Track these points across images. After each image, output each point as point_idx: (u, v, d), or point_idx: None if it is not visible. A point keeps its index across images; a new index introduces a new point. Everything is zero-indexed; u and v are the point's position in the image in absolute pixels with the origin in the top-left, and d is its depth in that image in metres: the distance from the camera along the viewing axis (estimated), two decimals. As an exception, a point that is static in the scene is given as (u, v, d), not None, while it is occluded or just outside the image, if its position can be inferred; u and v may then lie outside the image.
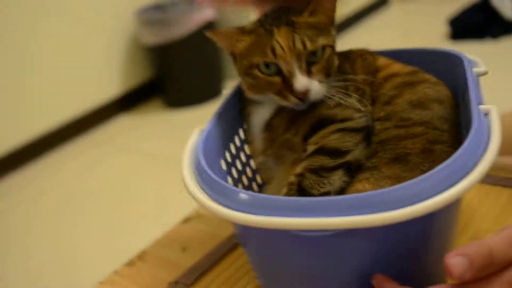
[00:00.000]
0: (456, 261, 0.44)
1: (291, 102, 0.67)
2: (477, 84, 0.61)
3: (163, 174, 2.19)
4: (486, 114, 0.56)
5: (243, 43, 0.69)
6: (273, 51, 0.66)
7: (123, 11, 3.00)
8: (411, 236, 0.53)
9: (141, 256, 0.83)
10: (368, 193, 0.48)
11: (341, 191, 0.61)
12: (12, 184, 2.60)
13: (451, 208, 0.55)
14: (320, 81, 0.67)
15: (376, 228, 0.47)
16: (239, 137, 0.76)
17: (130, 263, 0.81)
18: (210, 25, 2.85)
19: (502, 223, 0.69)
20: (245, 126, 0.76)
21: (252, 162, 0.78)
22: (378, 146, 0.64)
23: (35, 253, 2.06)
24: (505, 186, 0.77)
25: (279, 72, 0.67)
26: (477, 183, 0.49)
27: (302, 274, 0.57)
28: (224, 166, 0.70)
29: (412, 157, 0.61)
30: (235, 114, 0.74)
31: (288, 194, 0.60)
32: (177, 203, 1.39)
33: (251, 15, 2.90)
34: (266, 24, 0.68)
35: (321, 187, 0.60)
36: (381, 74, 0.71)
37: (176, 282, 0.74)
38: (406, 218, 0.47)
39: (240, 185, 0.73)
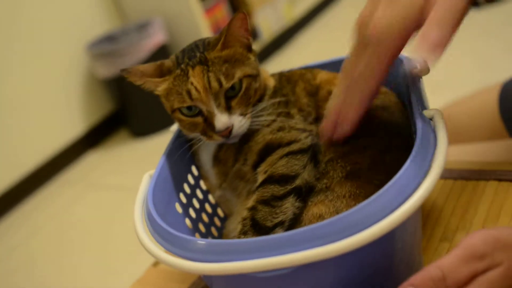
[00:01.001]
0: None
1: (217, 140, 0.66)
2: (419, 87, 0.60)
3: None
4: (431, 119, 0.55)
5: (162, 86, 0.69)
6: (189, 94, 0.65)
7: (74, 47, 2.95)
8: (375, 255, 0.51)
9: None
10: (319, 224, 0.47)
11: (295, 217, 0.59)
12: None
13: (411, 217, 0.54)
14: (242, 114, 0.66)
15: (336, 257, 0.46)
16: (192, 175, 0.74)
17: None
18: (162, 49, 2.83)
19: (470, 219, 0.68)
20: (196, 162, 0.74)
21: (210, 197, 0.76)
22: (328, 165, 0.62)
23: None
24: (467, 179, 0.76)
25: (200, 112, 0.66)
26: (430, 192, 0.48)
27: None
28: (179, 209, 0.68)
29: (364, 172, 0.59)
30: (184, 152, 0.72)
31: (242, 230, 0.59)
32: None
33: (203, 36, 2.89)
34: (182, 63, 0.67)
35: (274, 218, 0.58)
36: (323, 92, 0.70)
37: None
38: (363, 243, 0.46)
39: (200, 224, 0.71)
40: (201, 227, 0.72)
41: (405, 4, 0.53)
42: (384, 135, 0.63)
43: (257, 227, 0.58)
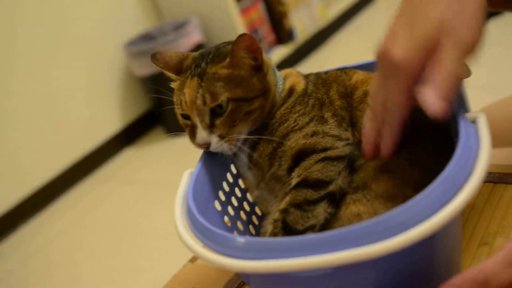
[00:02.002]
0: None
1: (197, 148, 0.69)
2: (460, 90, 0.60)
3: (170, 204, 2.15)
4: (474, 122, 0.54)
5: (174, 84, 0.72)
6: (181, 103, 0.69)
7: (112, 46, 3.00)
8: (414, 258, 0.51)
9: (152, 304, 0.81)
10: (359, 225, 0.47)
11: (326, 222, 0.60)
12: (24, 234, 2.59)
13: (452, 221, 0.54)
14: (221, 136, 0.67)
15: (375, 258, 0.46)
16: (231, 173, 0.74)
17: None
18: (199, 48, 2.83)
19: (510, 223, 0.67)
20: (235, 162, 0.75)
21: (248, 196, 0.77)
22: (363, 160, 0.63)
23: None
24: (507, 183, 0.74)
25: (190, 119, 0.69)
26: (472, 196, 0.48)
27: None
28: (218, 207, 0.68)
29: (401, 173, 0.59)
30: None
31: (273, 232, 0.60)
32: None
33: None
34: (192, 68, 0.69)
35: (306, 222, 0.59)
36: (358, 92, 0.70)
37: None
38: (403, 245, 0.45)
39: (238, 222, 0.72)
40: (239, 225, 0.72)
41: (423, 35, 0.54)
42: (422, 137, 0.62)
43: (287, 230, 0.59)
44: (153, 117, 3.19)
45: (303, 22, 3.31)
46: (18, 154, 2.67)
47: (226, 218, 0.69)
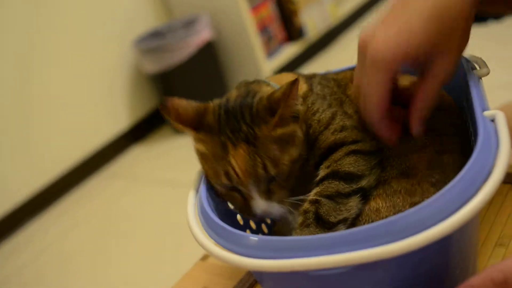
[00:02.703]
0: None
1: (255, 220, 0.65)
2: (479, 88, 0.59)
3: (181, 202, 2.14)
4: (492, 120, 0.53)
5: (197, 145, 0.64)
6: (227, 175, 0.60)
7: (121, 43, 3.00)
8: (430, 258, 0.50)
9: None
10: (375, 224, 0.46)
11: (357, 217, 0.58)
12: (37, 228, 2.60)
13: (469, 221, 0.53)
14: (281, 201, 0.61)
15: (393, 257, 0.45)
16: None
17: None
18: (208, 45, 2.84)
19: (526, 225, 0.67)
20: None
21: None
22: (385, 162, 0.61)
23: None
24: (524, 184, 0.74)
25: (237, 189, 0.62)
26: (491, 195, 0.47)
27: (323, 310, 0.55)
28: (231, 205, 0.68)
29: (420, 170, 0.58)
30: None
31: (304, 223, 0.57)
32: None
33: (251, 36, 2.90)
34: (223, 129, 0.61)
35: (339, 214, 0.57)
36: None
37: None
38: (423, 244, 0.45)
39: (251, 221, 0.71)
40: (252, 224, 0.72)
41: (409, 29, 0.55)
42: (442, 133, 0.62)
43: (320, 222, 0.57)
44: (161, 115, 3.18)
45: (313, 20, 3.29)
46: (26, 150, 2.67)
47: (238, 217, 0.69)
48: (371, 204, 0.58)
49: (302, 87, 0.68)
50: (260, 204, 0.61)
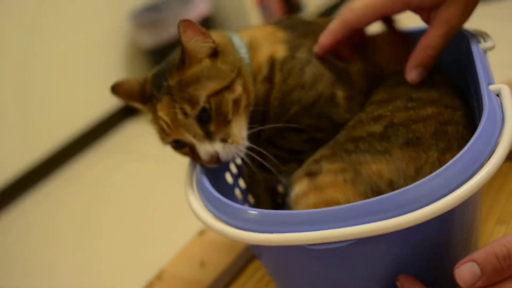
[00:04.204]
0: (465, 268, 0.43)
1: (212, 167, 0.61)
2: (484, 61, 0.58)
3: (176, 177, 2.13)
4: (498, 94, 0.52)
5: (148, 116, 0.65)
6: (164, 130, 0.61)
7: (117, 16, 2.97)
8: (432, 233, 0.50)
9: (160, 276, 0.80)
10: (377, 198, 0.45)
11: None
12: (28, 203, 2.59)
13: (472, 197, 0.52)
14: (223, 139, 0.60)
15: (393, 232, 0.44)
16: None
17: (150, 285, 0.79)
18: (206, 20, 2.81)
19: (527, 201, 0.66)
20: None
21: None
22: (388, 130, 0.60)
23: (57, 269, 2.05)
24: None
25: (185, 143, 0.62)
26: (496, 170, 0.46)
27: (322, 285, 0.54)
28: (230, 179, 0.67)
29: (425, 139, 0.57)
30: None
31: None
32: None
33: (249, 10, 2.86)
34: (153, 91, 0.62)
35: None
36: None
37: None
38: (426, 218, 0.44)
39: (249, 195, 0.70)
40: (250, 199, 0.71)
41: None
42: (447, 104, 0.60)
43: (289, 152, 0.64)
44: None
45: (312, -4, 3.27)
46: (18, 125, 2.65)
47: (237, 191, 0.68)
48: (373, 167, 0.56)
49: (279, 50, 0.67)
50: (202, 148, 0.60)
